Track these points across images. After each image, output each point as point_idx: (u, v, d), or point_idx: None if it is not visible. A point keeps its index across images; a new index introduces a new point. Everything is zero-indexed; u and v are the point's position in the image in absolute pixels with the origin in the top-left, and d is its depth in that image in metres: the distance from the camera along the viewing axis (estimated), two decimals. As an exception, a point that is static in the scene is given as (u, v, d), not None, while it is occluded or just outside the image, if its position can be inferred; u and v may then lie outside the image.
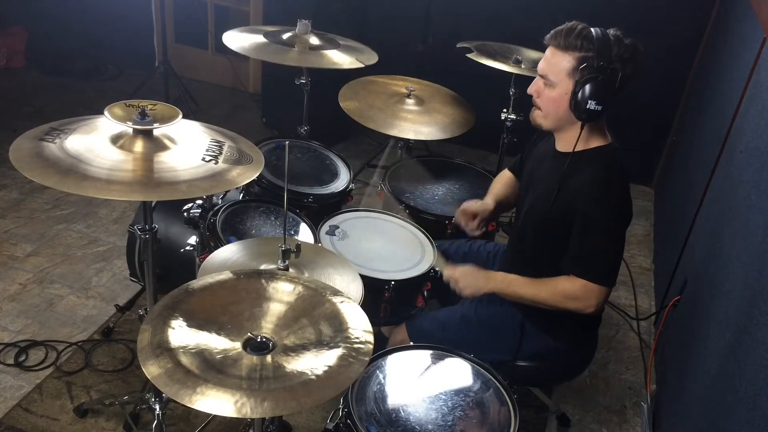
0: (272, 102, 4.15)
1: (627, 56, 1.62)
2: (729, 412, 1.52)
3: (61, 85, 4.45)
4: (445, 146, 3.77)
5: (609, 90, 1.61)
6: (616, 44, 1.62)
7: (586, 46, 1.63)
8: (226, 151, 1.65)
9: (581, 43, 1.63)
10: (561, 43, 1.67)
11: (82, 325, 2.54)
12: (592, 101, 1.61)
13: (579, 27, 1.66)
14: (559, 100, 1.69)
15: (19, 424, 2.12)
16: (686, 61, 3.67)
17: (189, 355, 1.21)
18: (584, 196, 1.68)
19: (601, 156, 1.73)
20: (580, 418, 2.38)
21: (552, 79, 1.70)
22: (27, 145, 1.51)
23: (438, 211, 2.35)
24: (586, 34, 1.64)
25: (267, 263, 1.66)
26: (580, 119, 1.67)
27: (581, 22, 1.68)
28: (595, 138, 1.73)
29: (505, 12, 3.70)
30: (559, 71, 1.68)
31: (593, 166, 1.71)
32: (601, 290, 1.70)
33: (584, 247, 1.70)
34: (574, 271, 1.72)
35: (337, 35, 2.72)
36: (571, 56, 1.65)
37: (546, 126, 1.79)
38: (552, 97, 1.71)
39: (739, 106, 2.30)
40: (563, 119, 1.73)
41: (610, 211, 1.68)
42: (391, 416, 1.52)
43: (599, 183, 1.68)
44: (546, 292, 1.77)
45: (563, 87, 1.68)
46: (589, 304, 1.71)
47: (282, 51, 2.47)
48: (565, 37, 1.65)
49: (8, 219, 3.09)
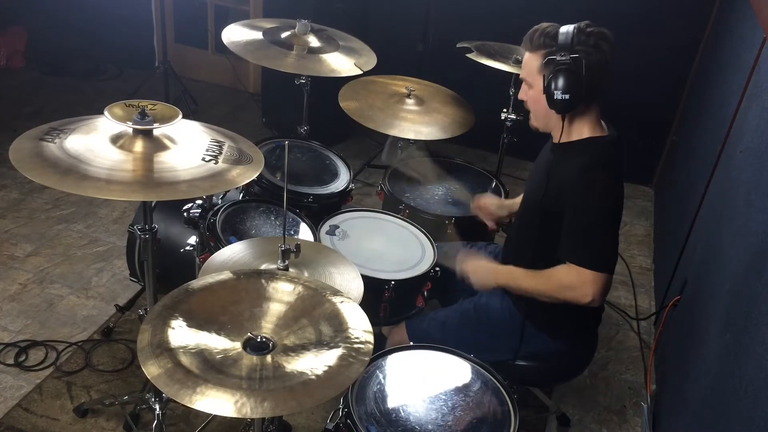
0: (272, 102, 4.15)
1: (591, 43, 1.67)
2: (729, 412, 1.52)
3: (61, 85, 4.45)
4: (445, 146, 3.77)
5: (575, 78, 1.66)
6: (578, 35, 1.67)
7: (548, 42, 1.70)
8: (226, 151, 1.65)
9: (544, 40, 1.71)
10: (529, 45, 1.76)
11: (82, 325, 2.54)
12: (558, 91, 1.67)
13: (544, 26, 1.73)
14: (539, 99, 1.75)
15: (19, 424, 2.12)
16: (686, 61, 3.66)
17: (189, 355, 1.21)
18: (571, 183, 1.71)
19: (591, 146, 1.76)
20: (580, 418, 2.38)
21: (529, 81, 1.78)
22: (27, 145, 1.51)
23: (438, 211, 2.35)
24: (549, 32, 1.71)
25: (267, 263, 1.66)
26: (556, 111, 1.73)
27: (551, 23, 1.74)
28: (586, 128, 1.77)
29: (505, 12, 3.70)
30: (531, 71, 1.76)
31: (582, 155, 1.74)
32: (596, 276, 1.70)
33: (574, 232, 1.72)
34: (567, 258, 1.73)
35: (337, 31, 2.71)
36: (538, 55, 1.73)
37: (539, 127, 1.85)
38: (533, 97, 1.79)
39: (739, 106, 2.30)
40: (548, 116, 1.78)
41: (595, 196, 1.70)
42: (391, 416, 1.52)
43: (584, 169, 1.71)
44: (545, 283, 1.78)
45: (538, 85, 1.75)
46: (586, 292, 1.71)
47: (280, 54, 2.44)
48: (530, 38, 1.75)
49: (8, 219, 3.09)
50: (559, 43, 1.67)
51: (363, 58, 2.57)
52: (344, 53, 2.56)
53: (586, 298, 1.72)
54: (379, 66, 2.60)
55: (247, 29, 2.57)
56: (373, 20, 3.92)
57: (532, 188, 1.91)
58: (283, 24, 2.64)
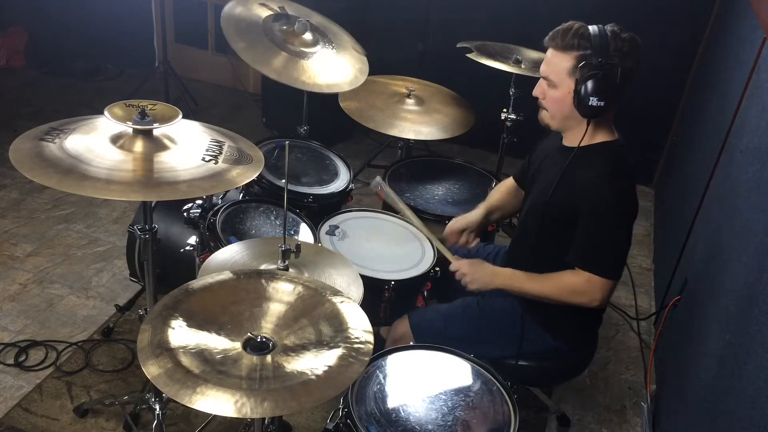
0: (272, 102, 4.15)
1: (625, 50, 1.64)
2: (729, 412, 1.52)
3: (61, 85, 4.45)
4: (445, 146, 3.77)
5: (610, 85, 1.63)
6: (614, 40, 1.64)
7: (583, 44, 1.65)
8: (226, 151, 1.65)
9: (578, 42, 1.65)
10: (559, 43, 1.69)
11: (82, 325, 2.54)
12: (594, 98, 1.63)
13: (576, 26, 1.67)
14: (563, 100, 1.71)
15: (19, 424, 2.12)
16: (686, 61, 3.67)
17: (189, 355, 1.21)
18: (591, 190, 1.69)
19: (607, 151, 1.74)
20: (580, 418, 2.38)
21: (554, 80, 1.72)
22: (27, 145, 1.51)
23: (438, 211, 2.35)
24: (582, 33, 1.65)
25: (267, 263, 1.66)
26: (585, 116, 1.69)
27: (579, 21, 1.69)
28: (602, 133, 1.75)
29: (505, 12, 3.69)
30: (559, 71, 1.69)
31: (600, 161, 1.72)
32: (606, 283, 1.71)
33: (590, 240, 1.71)
34: (579, 265, 1.72)
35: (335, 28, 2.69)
36: (570, 56, 1.67)
37: (554, 126, 1.80)
38: (556, 97, 1.73)
39: (739, 106, 2.30)
40: (569, 118, 1.74)
41: (617, 204, 1.69)
42: (391, 416, 1.52)
43: (605, 177, 1.69)
44: (550, 287, 1.77)
45: (565, 87, 1.69)
46: (594, 297, 1.72)
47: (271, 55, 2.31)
48: (563, 38, 1.68)
49: (8, 219, 3.09)
50: (594, 46, 1.63)
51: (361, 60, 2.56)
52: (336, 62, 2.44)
53: (593, 303, 1.73)
54: (379, 66, 2.59)
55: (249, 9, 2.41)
56: (373, 20, 3.92)
57: (540, 190, 1.85)
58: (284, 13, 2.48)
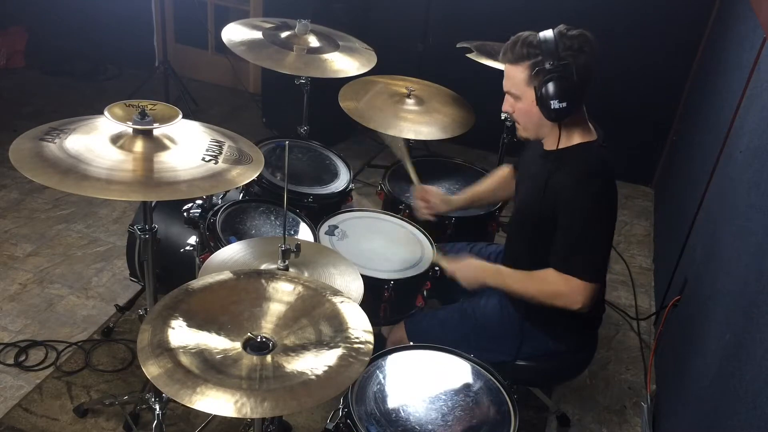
0: (272, 102, 4.15)
1: (576, 47, 1.64)
2: (729, 412, 1.52)
3: (61, 85, 4.45)
4: (445, 146, 3.77)
5: (569, 85, 1.64)
6: (561, 40, 1.65)
7: (533, 52, 1.66)
8: (226, 151, 1.66)
9: (527, 51, 1.67)
10: (510, 57, 1.71)
11: (82, 325, 2.54)
12: (555, 100, 1.65)
13: (523, 36, 1.70)
14: (530, 110, 1.73)
15: (19, 424, 2.12)
16: (686, 61, 3.66)
17: (189, 355, 1.21)
18: (567, 192, 1.70)
19: (583, 152, 1.75)
20: (580, 418, 2.38)
21: (516, 93, 1.74)
22: (27, 145, 1.51)
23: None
24: (530, 41, 1.67)
25: (267, 263, 1.66)
26: (552, 120, 1.71)
27: (528, 31, 1.71)
28: (578, 134, 1.75)
29: (505, 12, 3.69)
30: (518, 84, 1.72)
31: (574, 162, 1.73)
32: (585, 286, 1.70)
33: (567, 242, 1.71)
34: (557, 267, 1.72)
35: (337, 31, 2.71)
36: (523, 66, 1.69)
37: (531, 136, 1.83)
38: (522, 109, 1.76)
39: (739, 106, 2.30)
40: (541, 125, 1.76)
41: (593, 206, 1.70)
42: (391, 416, 1.52)
43: (581, 179, 1.70)
44: (534, 287, 1.78)
45: (528, 97, 1.71)
46: (576, 300, 1.71)
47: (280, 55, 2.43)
48: (512, 51, 1.70)
49: (8, 219, 3.09)
50: (543, 51, 1.65)
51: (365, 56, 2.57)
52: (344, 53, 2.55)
53: (575, 305, 1.72)
54: (379, 66, 2.60)
55: (247, 28, 2.57)
56: (373, 20, 3.92)
57: (525, 194, 1.89)
58: (283, 23, 2.64)
